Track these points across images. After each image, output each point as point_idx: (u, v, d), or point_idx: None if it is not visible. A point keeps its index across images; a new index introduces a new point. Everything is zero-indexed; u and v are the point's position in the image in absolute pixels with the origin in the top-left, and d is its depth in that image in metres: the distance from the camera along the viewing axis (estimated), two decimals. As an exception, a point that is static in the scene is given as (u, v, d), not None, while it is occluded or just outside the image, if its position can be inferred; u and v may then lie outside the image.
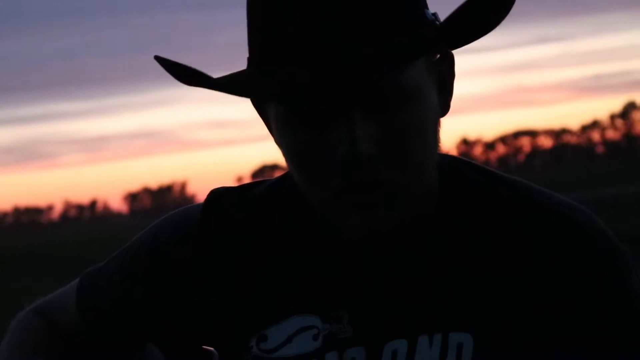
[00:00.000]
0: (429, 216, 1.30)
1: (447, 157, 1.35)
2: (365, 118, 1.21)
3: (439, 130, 1.29)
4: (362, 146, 1.20)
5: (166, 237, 1.42)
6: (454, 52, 1.30)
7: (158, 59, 1.25)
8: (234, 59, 1.30)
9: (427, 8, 1.27)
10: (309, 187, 1.26)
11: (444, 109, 1.29)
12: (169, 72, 1.25)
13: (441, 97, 1.29)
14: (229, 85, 1.23)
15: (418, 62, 1.23)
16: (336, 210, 1.25)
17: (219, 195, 1.40)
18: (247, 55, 1.27)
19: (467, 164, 1.35)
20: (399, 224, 1.25)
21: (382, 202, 1.23)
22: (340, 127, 1.21)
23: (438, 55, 1.28)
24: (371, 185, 1.22)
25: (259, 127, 1.31)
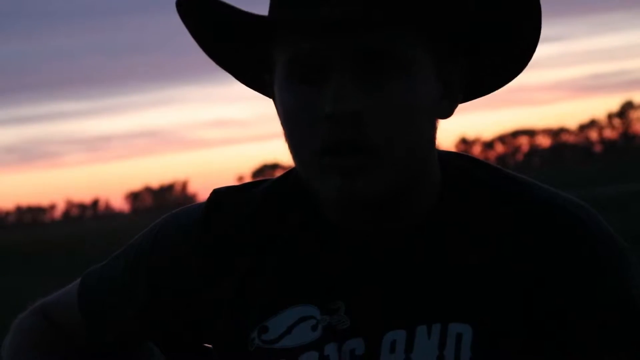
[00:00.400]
0: (429, 207, 1.30)
1: (449, 153, 1.35)
2: (356, 78, 1.22)
3: (432, 124, 1.28)
4: (346, 103, 1.21)
5: (168, 236, 1.42)
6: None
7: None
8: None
9: None
10: (296, 148, 1.27)
11: (445, 112, 1.30)
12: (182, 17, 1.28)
13: (445, 100, 1.29)
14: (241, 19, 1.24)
15: (417, 43, 1.23)
16: (317, 172, 1.25)
17: (220, 194, 1.40)
18: None
19: (469, 159, 1.35)
20: (377, 195, 1.25)
21: (362, 168, 1.23)
22: (331, 84, 1.22)
23: (448, 51, 1.28)
24: (353, 147, 1.23)
25: (260, 126, 1.33)
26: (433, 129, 1.29)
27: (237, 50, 1.31)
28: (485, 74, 1.33)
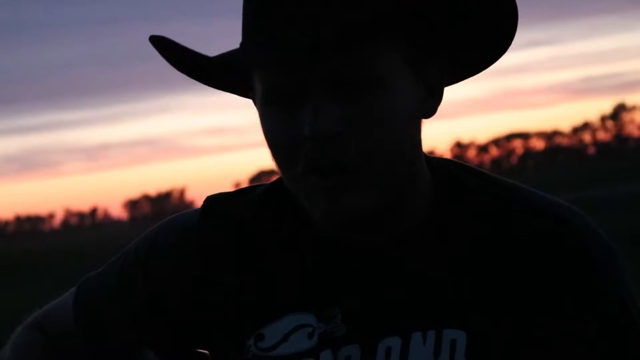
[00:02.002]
0: (421, 214, 1.30)
1: (442, 160, 1.35)
2: (332, 100, 1.22)
3: (416, 127, 1.28)
4: (324, 125, 1.21)
5: (163, 243, 1.41)
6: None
7: (153, 39, 1.28)
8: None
9: None
10: (282, 170, 1.27)
11: (429, 111, 1.29)
12: (160, 52, 1.28)
13: (428, 101, 1.28)
14: (207, 64, 1.27)
15: (392, 54, 1.23)
16: (304, 193, 1.25)
17: (215, 200, 1.40)
18: None
19: (462, 167, 1.35)
20: (364, 212, 1.25)
21: (345, 187, 1.23)
22: (306, 107, 1.22)
23: (427, 53, 1.27)
24: (334, 167, 1.23)
25: (256, 133, 1.32)
26: (417, 132, 1.29)
27: (216, 78, 1.32)
28: (467, 59, 1.32)
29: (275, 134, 1.25)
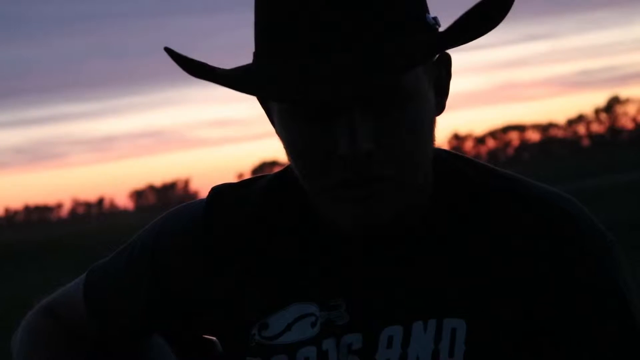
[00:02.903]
0: (424, 208, 1.30)
1: (442, 152, 1.35)
2: (365, 116, 1.21)
3: (434, 129, 1.28)
4: (362, 143, 1.20)
5: (170, 232, 1.41)
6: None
7: (168, 50, 1.25)
8: (240, 62, 1.30)
9: (428, 12, 1.26)
10: (309, 181, 1.26)
11: (440, 108, 1.29)
12: (177, 64, 1.25)
13: (437, 98, 1.28)
14: (232, 80, 1.23)
15: (422, 71, 1.23)
16: (334, 204, 1.25)
17: (220, 191, 1.40)
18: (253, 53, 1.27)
19: (460, 158, 1.35)
20: (394, 218, 1.25)
21: (378, 196, 1.23)
22: (340, 124, 1.20)
23: (437, 56, 1.28)
24: (369, 179, 1.22)
25: (259, 125, 1.31)
26: (434, 132, 1.29)
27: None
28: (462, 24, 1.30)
29: (304, 148, 1.23)
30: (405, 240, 1.30)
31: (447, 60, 1.29)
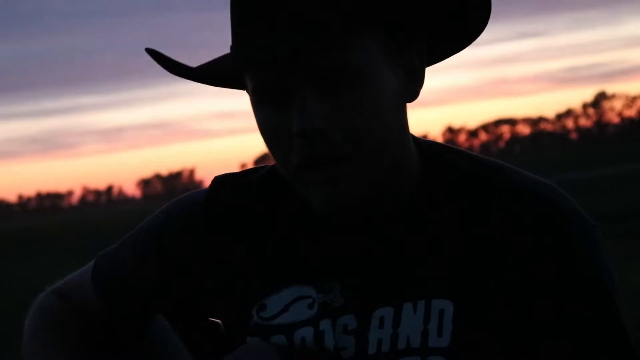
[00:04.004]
0: (411, 193, 1.30)
1: (430, 142, 1.35)
2: (316, 96, 1.21)
3: (400, 112, 1.27)
4: (312, 122, 1.21)
5: (174, 218, 1.42)
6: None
7: (149, 50, 1.28)
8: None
9: None
10: (277, 163, 1.28)
11: (412, 95, 1.28)
12: (157, 61, 1.27)
13: (410, 84, 1.28)
14: (193, 74, 1.26)
15: (369, 45, 1.22)
16: (300, 185, 1.26)
17: (221, 180, 1.40)
18: None
19: (448, 148, 1.35)
20: (360, 198, 1.25)
21: (340, 177, 1.23)
22: (294, 105, 1.22)
23: (405, 43, 1.26)
24: (326, 160, 1.22)
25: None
26: (403, 116, 1.28)
27: (211, 79, 1.32)
28: (446, 41, 1.31)
29: (268, 131, 1.25)
30: (395, 226, 1.30)
31: (420, 50, 1.28)
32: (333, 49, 1.20)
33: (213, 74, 1.28)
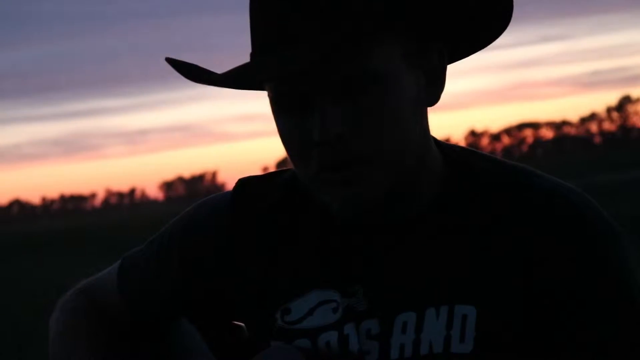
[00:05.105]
0: (434, 196, 1.30)
1: (453, 146, 1.34)
2: (336, 103, 1.22)
3: (421, 115, 1.27)
4: (331, 128, 1.21)
5: (198, 222, 1.42)
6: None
7: (169, 60, 1.29)
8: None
9: None
10: (297, 168, 1.28)
11: (433, 99, 1.28)
12: (177, 70, 1.28)
13: (430, 88, 1.28)
14: (217, 81, 1.26)
15: (388, 50, 1.22)
16: (319, 189, 1.26)
17: (245, 183, 1.41)
18: None
19: (471, 152, 1.35)
20: (379, 199, 1.25)
21: (358, 180, 1.23)
22: (314, 113, 1.22)
23: (426, 45, 1.26)
24: (346, 163, 1.23)
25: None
26: (423, 119, 1.28)
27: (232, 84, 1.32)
28: (467, 40, 1.31)
29: (288, 139, 1.26)
30: (418, 229, 1.30)
31: (440, 52, 1.28)
32: (353, 56, 1.21)
33: (234, 83, 1.28)
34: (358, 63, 1.21)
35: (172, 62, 1.29)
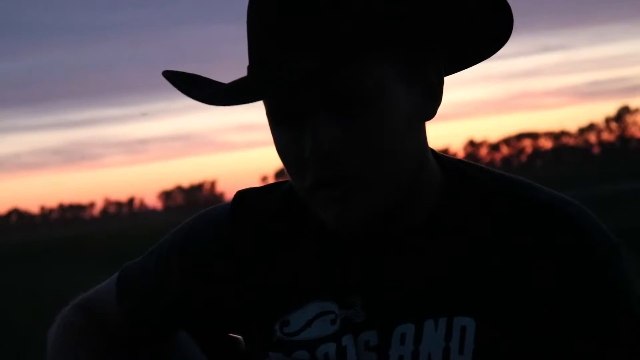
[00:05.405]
0: (432, 209, 1.30)
1: (451, 159, 1.34)
2: (329, 119, 1.21)
3: (417, 131, 1.26)
4: (324, 144, 1.21)
5: (197, 233, 1.42)
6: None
7: (166, 75, 1.29)
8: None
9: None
10: (293, 181, 1.28)
11: (429, 113, 1.28)
12: (174, 86, 1.28)
13: (427, 103, 1.27)
14: (209, 98, 1.26)
15: (381, 66, 1.21)
16: (314, 204, 1.26)
17: (244, 195, 1.41)
18: None
19: (470, 164, 1.34)
20: (372, 216, 1.25)
21: (351, 196, 1.23)
22: (307, 129, 1.22)
23: (423, 61, 1.26)
24: (338, 180, 1.23)
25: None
26: (419, 135, 1.27)
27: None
28: (465, 53, 1.30)
29: (284, 153, 1.26)
30: (416, 241, 1.30)
31: (438, 67, 1.28)
32: (346, 72, 1.20)
33: (226, 101, 1.27)
34: (353, 79, 1.20)
35: (169, 77, 1.28)
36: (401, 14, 1.22)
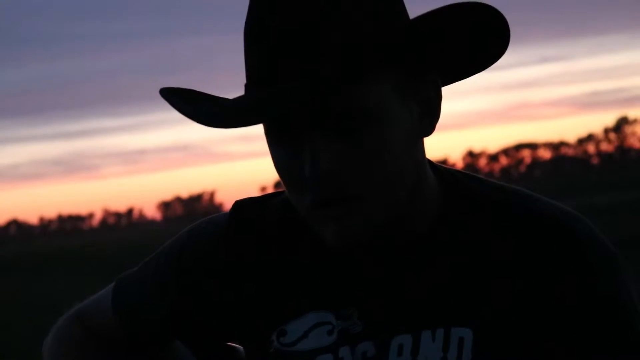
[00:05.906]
0: (431, 221, 1.30)
1: (450, 170, 1.34)
2: (327, 139, 1.21)
3: (415, 148, 1.26)
4: (322, 164, 1.21)
5: (195, 243, 1.42)
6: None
7: (162, 94, 1.29)
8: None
9: (402, 17, 1.24)
10: (292, 198, 1.28)
11: (427, 130, 1.27)
12: (171, 105, 1.28)
13: (425, 119, 1.27)
14: (204, 119, 1.25)
15: (379, 86, 1.21)
16: (313, 222, 1.26)
17: (241, 205, 1.41)
18: None
19: (468, 175, 1.34)
20: (371, 234, 1.24)
21: (350, 215, 1.23)
22: (305, 149, 1.22)
23: (421, 77, 1.25)
24: (337, 199, 1.22)
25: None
26: (418, 151, 1.27)
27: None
28: (463, 65, 1.30)
29: (282, 170, 1.25)
30: (414, 252, 1.29)
31: (435, 83, 1.28)
32: (343, 93, 1.20)
33: (229, 123, 1.26)
34: (350, 99, 1.20)
35: (165, 96, 1.28)
36: (400, 36, 1.22)
